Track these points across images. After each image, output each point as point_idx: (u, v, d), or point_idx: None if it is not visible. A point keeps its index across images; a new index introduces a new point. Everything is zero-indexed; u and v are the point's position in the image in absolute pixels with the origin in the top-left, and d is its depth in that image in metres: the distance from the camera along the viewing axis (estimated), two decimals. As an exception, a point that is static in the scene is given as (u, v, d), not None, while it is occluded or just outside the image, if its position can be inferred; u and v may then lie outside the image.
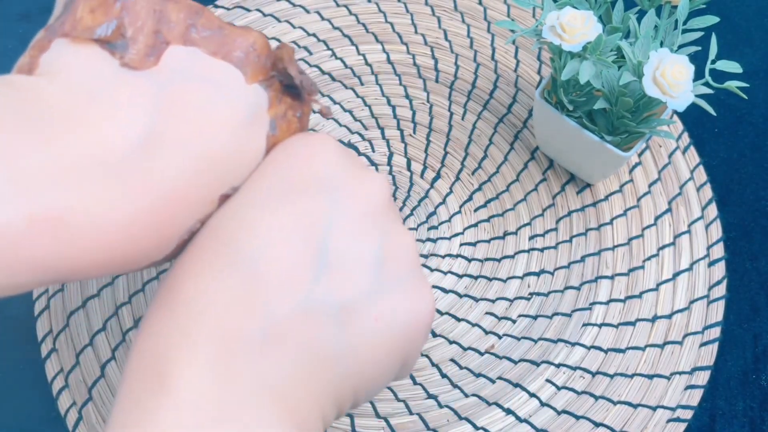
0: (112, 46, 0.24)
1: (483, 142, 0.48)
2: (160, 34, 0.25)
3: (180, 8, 0.25)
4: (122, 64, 0.24)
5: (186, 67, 0.24)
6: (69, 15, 0.24)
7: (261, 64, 0.26)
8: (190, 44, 0.25)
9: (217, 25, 0.26)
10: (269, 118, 0.26)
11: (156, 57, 0.24)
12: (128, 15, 0.24)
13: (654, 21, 0.38)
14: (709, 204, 0.46)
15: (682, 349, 0.42)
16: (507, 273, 0.44)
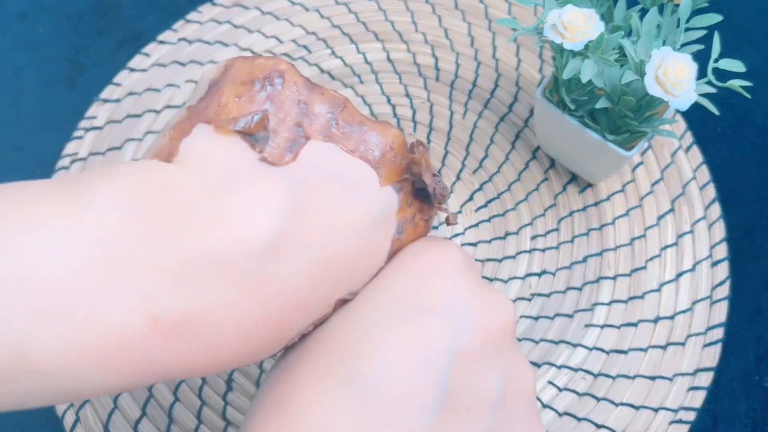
0: (254, 138, 0.23)
1: (484, 141, 0.48)
2: (301, 128, 0.24)
3: (324, 99, 0.25)
4: (261, 159, 0.23)
5: (323, 164, 0.24)
6: (213, 99, 0.24)
7: (397, 164, 0.26)
8: (329, 140, 0.24)
9: (358, 120, 0.25)
10: (397, 221, 0.26)
11: (295, 153, 0.24)
12: (273, 105, 0.24)
13: (656, 19, 0.38)
14: (711, 204, 0.45)
15: (684, 350, 0.41)
16: (508, 273, 0.44)
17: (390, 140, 0.25)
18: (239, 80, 0.24)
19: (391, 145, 0.25)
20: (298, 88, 0.25)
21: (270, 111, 0.24)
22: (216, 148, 0.23)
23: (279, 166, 0.23)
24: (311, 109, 0.25)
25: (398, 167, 0.26)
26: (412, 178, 0.26)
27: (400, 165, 0.26)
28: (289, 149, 0.24)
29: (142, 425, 0.40)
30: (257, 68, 0.24)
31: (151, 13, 0.53)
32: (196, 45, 0.52)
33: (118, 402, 0.40)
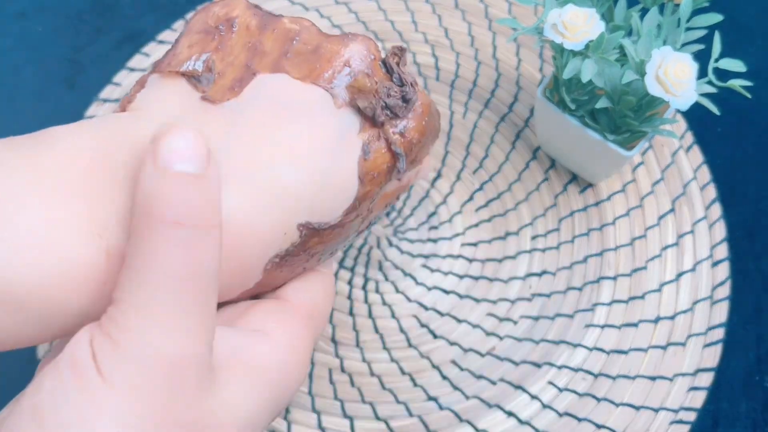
0: (197, 79, 0.24)
1: (484, 141, 0.48)
2: (251, 66, 0.24)
3: (276, 36, 0.25)
4: (202, 98, 0.24)
5: (269, 95, 0.24)
6: (171, 51, 0.26)
7: (363, 87, 0.25)
8: (279, 70, 0.24)
9: (314, 45, 0.25)
10: (361, 142, 0.25)
11: (239, 88, 0.24)
12: (222, 50, 0.25)
13: (657, 19, 0.38)
14: (712, 204, 0.45)
15: (685, 350, 0.41)
16: (508, 274, 0.44)
17: (346, 58, 0.25)
18: (195, 30, 0.26)
19: (348, 62, 0.25)
20: (249, 31, 0.25)
21: (217, 55, 0.25)
22: (162, 93, 0.24)
23: (220, 102, 0.23)
24: (262, 47, 0.25)
25: (367, 89, 0.25)
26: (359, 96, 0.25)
27: (369, 87, 0.25)
28: (232, 87, 0.24)
29: (141, 426, 0.40)
30: (211, 18, 0.26)
31: (150, 13, 0.53)
32: (196, 44, 0.52)
33: (117, 402, 0.40)
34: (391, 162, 0.26)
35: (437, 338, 0.42)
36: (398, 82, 0.26)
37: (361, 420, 0.40)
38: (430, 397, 0.40)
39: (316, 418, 0.40)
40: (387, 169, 0.26)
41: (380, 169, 0.26)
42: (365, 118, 0.25)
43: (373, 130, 0.25)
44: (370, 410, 0.40)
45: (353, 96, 0.25)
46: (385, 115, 0.25)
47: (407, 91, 0.26)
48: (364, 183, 0.25)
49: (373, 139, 0.25)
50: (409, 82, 0.26)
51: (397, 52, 0.26)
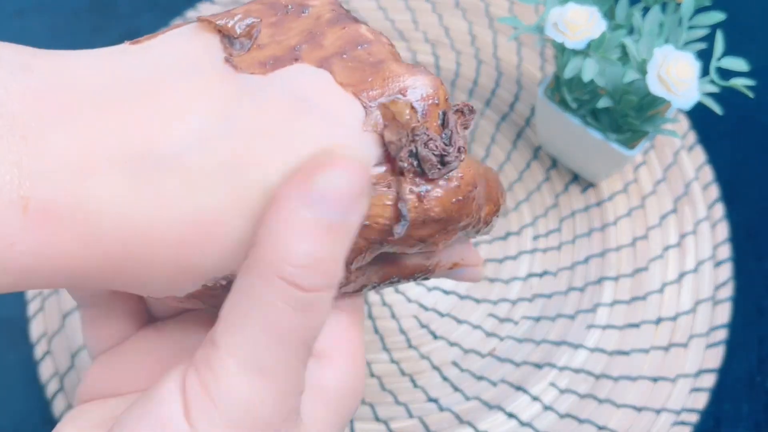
0: (231, 41, 0.20)
1: (485, 140, 0.47)
2: (297, 50, 0.21)
3: (342, 35, 0.21)
4: (225, 59, 0.20)
5: (299, 87, 0.20)
6: (227, 11, 0.22)
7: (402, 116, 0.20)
8: (324, 67, 0.20)
9: (378, 59, 0.21)
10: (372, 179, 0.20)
11: (272, 67, 0.20)
12: (277, 26, 0.21)
13: (658, 18, 0.38)
14: (714, 204, 0.45)
15: (687, 351, 0.41)
16: (509, 274, 0.43)
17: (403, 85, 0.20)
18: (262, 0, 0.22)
19: (403, 90, 0.20)
20: (319, 21, 0.21)
21: (268, 30, 0.21)
22: (186, 40, 0.20)
23: (242, 72, 0.20)
24: (321, 40, 0.21)
25: (403, 121, 0.20)
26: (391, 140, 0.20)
27: (406, 120, 0.20)
28: (264, 63, 0.20)
29: (139, 427, 0.40)
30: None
31: (148, 11, 0.53)
32: (195, 43, 0.51)
33: (115, 404, 0.40)
34: (390, 220, 0.21)
35: (437, 339, 0.42)
36: (446, 139, 0.21)
37: (360, 421, 0.40)
38: (431, 398, 0.40)
39: (315, 419, 0.40)
40: (382, 226, 0.21)
41: (375, 219, 0.20)
42: (387, 156, 0.21)
43: (388, 172, 0.21)
44: (370, 411, 0.40)
45: (384, 121, 0.20)
46: (410, 165, 0.20)
47: (449, 152, 0.21)
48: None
49: (381, 182, 0.20)
50: (458, 145, 0.21)
51: (466, 111, 0.22)
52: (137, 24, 0.52)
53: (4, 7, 0.53)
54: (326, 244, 0.18)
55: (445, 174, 0.21)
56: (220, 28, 0.20)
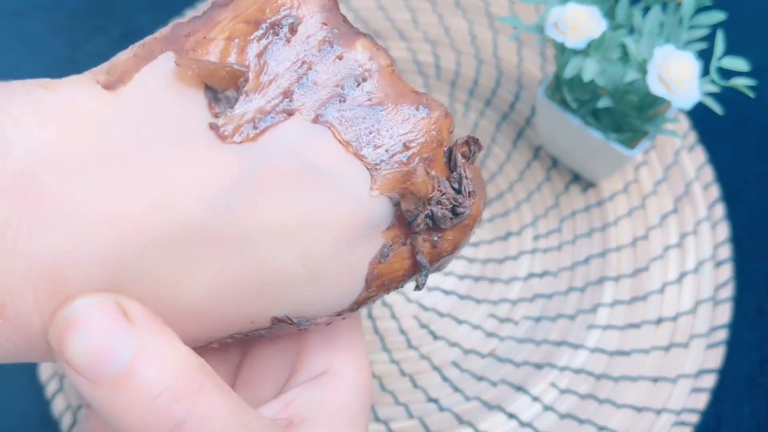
0: (215, 96, 0.18)
1: (485, 140, 0.47)
2: (289, 99, 0.19)
3: (339, 68, 0.19)
4: (210, 126, 0.18)
5: (299, 148, 0.18)
6: (203, 25, 0.19)
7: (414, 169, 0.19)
8: (321, 120, 0.19)
9: (378, 98, 0.20)
10: (383, 241, 0.20)
11: (260, 131, 0.18)
12: (264, 61, 0.19)
13: (659, 17, 0.37)
14: (715, 203, 0.45)
15: (687, 351, 0.41)
16: (509, 274, 0.43)
17: (411, 135, 0.20)
18: (244, 16, 0.19)
19: (409, 142, 0.20)
20: (309, 45, 0.19)
21: (255, 70, 0.19)
22: (167, 92, 0.18)
23: (228, 142, 0.18)
24: (315, 75, 0.19)
25: (422, 195, 0.19)
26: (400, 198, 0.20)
27: (425, 193, 0.19)
28: (254, 123, 0.18)
29: (139, 428, 0.40)
30: (270, 6, 0.19)
31: (147, 11, 0.53)
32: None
33: (115, 404, 0.40)
34: (409, 270, 0.21)
35: (438, 339, 0.42)
36: (456, 185, 0.20)
37: (360, 422, 0.40)
38: (431, 399, 0.40)
39: (315, 420, 0.40)
40: (402, 276, 0.21)
41: (394, 275, 0.21)
42: (399, 218, 0.20)
43: (401, 231, 0.20)
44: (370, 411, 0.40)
45: (400, 192, 0.19)
46: (425, 225, 0.20)
47: (462, 203, 0.20)
48: (370, 287, 0.20)
49: (397, 242, 0.20)
50: (468, 191, 0.20)
51: (471, 144, 0.21)
52: (136, 23, 0.52)
53: (4, 7, 0.53)
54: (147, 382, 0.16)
55: (458, 221, 0.21)
56: (202, 78, 0.18)
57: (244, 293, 0.19)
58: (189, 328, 0.19)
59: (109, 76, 0.18)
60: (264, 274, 0.19)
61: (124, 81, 0.18)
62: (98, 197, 0.17)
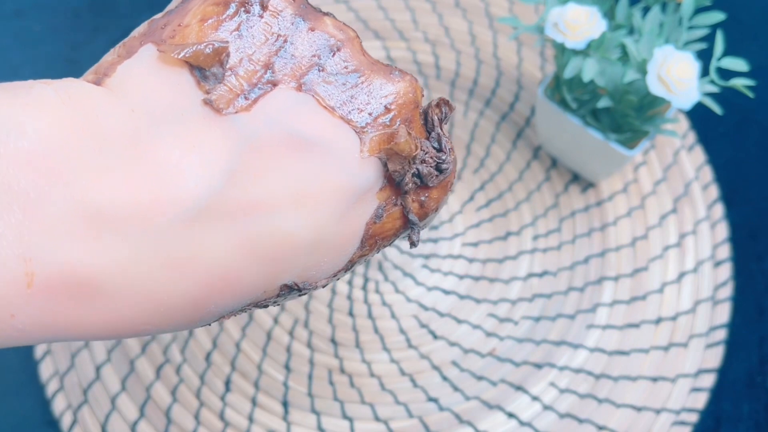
0: (202, 73, 0.19)
1: (485, 140, 0.47)
2: (271, 71, 0.20)
3: (312, 40, 0.20)
4: (204, 101, 0.19)
5: (287, 120, 0.19)
6: (176, 16, 0.20)
7: (396, 130, 0.21)
8: (305, 89, 0.20)
9: (354, 66, 0.21)
10: (378, 202, 0.21)
11: (251, 101, 0.19)
12: (242, 36, 0.20)
13: (659, 18, 0.38)
14: (714, 204, 0.45)
15: (686, 351, 0.41)
16: (509, 274, 0.43)
17: (389, 99, 0.21)
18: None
19: (389, 105, 0.21)
20: (281, 18, 0.20)
21: (233, 45, 0.19)
22: (154, 78, 0.19)
23: (224, 114, 0.19)
24: (292, 47, 0.20)
25: (406, 154, 0.21)
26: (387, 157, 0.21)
27: (409, 152, 0.21)
28: (245, 95, 0.19)
29: (140, 426, 0.40)
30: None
31: (147, 11, 0.53)
32: (195, 43, 0.51)
33: (116, 403, 0.40)
34: (399, 229, 0.22)
35: (437, 339, 0.42)
36: (435, 144, 0.22)
37: (360, 421, 0.40)
38: (431, 398, 0.40)
39: (315, 419, 0.40)
40: (392, 234, 0.22)
41: (386, 234, 0.22)
42: (389, 179, 0.21)
43: (392, 192, 0.21)
44: (370, 411, 0.40)
45: (386, 154, 0.21)
46: (413, 183, 0.21)
47: (444, 159, 0.22)
48: (364, 245, 0.22)
49: (389, 202, 0.21)
50: (448, 147, 0.22)
51: (443, 105, 0.22)
52: (136, 24, 0.52)
53: (4, 7, 0.53)
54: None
55: (442, 179, 0.22)
56: (187, 60, 0.19)
57: (256, 262, 0.19)
58: (211, 300, 0.19)
59: (96, 75, 0.19)
60: (272, 243, 0.19)
61: (109, 75, 0.19)
62: (109, 180, 0.17)
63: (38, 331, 0.18)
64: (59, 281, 0.17)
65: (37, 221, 0.17)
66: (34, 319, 0.17)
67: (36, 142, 0.17)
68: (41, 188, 0.17)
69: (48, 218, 0.17)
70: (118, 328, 0.19)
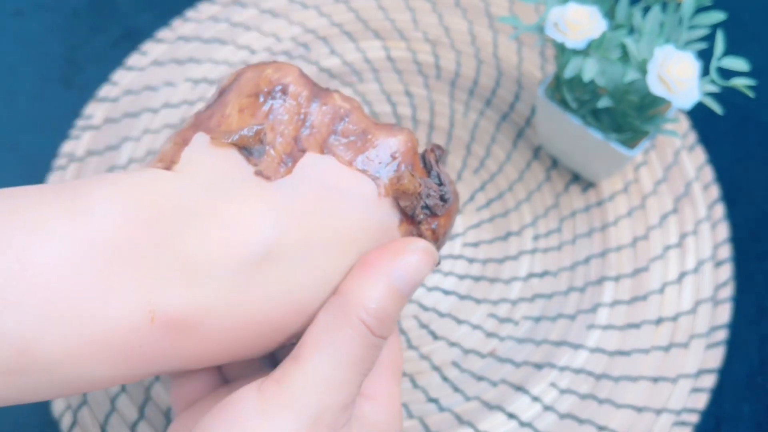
0: (248, 151, 0.24)
1: (485, 140, 0.47)
2: (300, 141, 0.25)
3: (326, 112, 0.26)
4: (256, 173, 0.24)
5: (319, 176, 0.25)
6: (218, 108, 0.25)
7: (401, 174, 0.26)
8: (327, 151, 0.25)
9: (361, 128, 0.26)
10: (400, 233, 0.26)
11: (290, 166, 0.24)
12: (273, 119, 0.25)
13: (659, 17, 0.37)
14: (715, 204, 0.45)
15: (687, 351, 0.41)
16: (509, 274, 0.43)
17: (393, 150, 0.26)
18: (245, 92, 0.25)
19: (395, 155, 0.26)
20: (301, 101, 0.26)
21: (268, 125, 0.25)
22: (212, 159, 0.24)
23: (274, 179, 0.24)
24: (312, 121, 0.25)
25: (412, 190, 0.26)
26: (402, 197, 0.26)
27: (414, 188, 0.26)
28: (284, 162, 0.24)
29: (140, 427, 0.40)
30: (263, 81, 0.25)
31: (148, 10, 0.53)
32: (194, 43, 0.51)
33: (115, 404, 0.40)
34: None
35: (438, 339, 0.42)
36: (436, 180, 0.27)
37: (360, 422, 0.40)
38: (431, 399, 0.40)
39: (315, 420, 0.39)
40: None
41: None
42: (404, 214, 0.26)
43: (409, 225, 0.27)
44: (370, 412, 0.40)
45: (396, 195, 0.26)
46: (423, 215, 0.27)
47: (445, 191, 0.27)
48: None
49: (408, 233, 0.27)
50: (448, 180, 0.27)
51: (436, 149, 0.27)
52: (137, 23, 0.52)
53: (4, 7, 0.53)
54: (394, 305, 0.24)
55: (448, 207, 0.27)
56: (235, 144, 0.24)
57: (320, 288, 0.25)
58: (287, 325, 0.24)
59: (163, 163, 0.24)
60: (329, 274, 0.24)
61: (175, 161, 0.24)
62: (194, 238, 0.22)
63: (154, 360, 0.22)
64: (171, 318, 0.22)
65: (152, 273, 0.21)
66: (155, 349, 0.22)
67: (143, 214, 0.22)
68: (152, 248, 0.21)
69: (162, 266, 0.21)
70: (210, 357, 0.24)
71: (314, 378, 0.23)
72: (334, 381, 0.23)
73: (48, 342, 0.20)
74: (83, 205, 0.21)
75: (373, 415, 0.26)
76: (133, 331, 0.21)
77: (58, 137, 0.48)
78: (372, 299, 0.23)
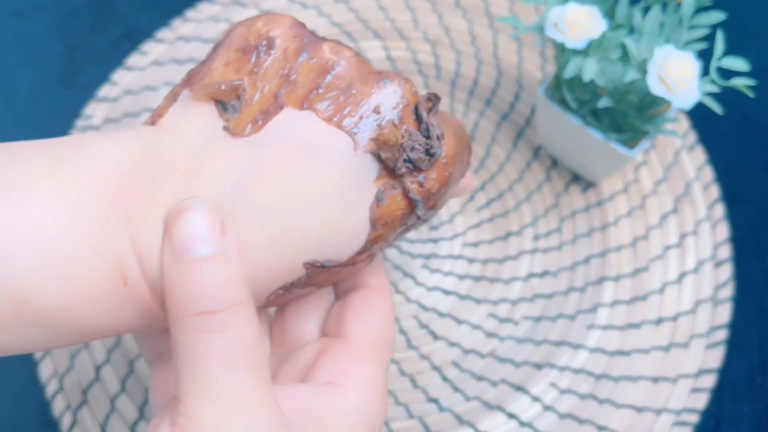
0: (224, 106, 0.24)
1: (485, 140, 0.47)
2: (280, 97, 0.25)
3: (312, 67, 0.25)
4: (224, 128, 0.24)
5: (292, 133, 0.24)
6: (207, 63, 0.25)
7: (389, 140, 0.25)
8: (307, 107, 0.25)
9: (347, 82, 0.25)
10: (376, 188, 0.25)
11: (260, 124, 0.24)
12: (257, 73, 0.25)
13: (659, 17, 0.37)
14: (715, 204, 0.45)
15: (687, 351, 0.41)
16: (509, 274, 0.43)
17: (378, 101, 0.25)
18: (234, 46, 0.25)
19: (377, 108, 0.25)
20: (287, 55, 0.25)
21: (250, 81, 0.25)
22: (189, 114, 0.24)
23: (239, 136, 0.24)
24: (296, 77, 0.25)
25: (393, 142, 0.25)
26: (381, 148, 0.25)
27: (395, 140, 0.25)
28: (256, 119, 0.24)
29: (140, 427, 0.40)
30: (252, 35, 0.25)
31: (148, 10, 0.53)
32: (194, 43, 0.51)
33: (116, 404, 0.40)
34: (407, 208, 0.26)
35: (438, 339, 0.42)
36: (425, 133, 0.26)
37: (360, 422, 0.40)
38: (431, 399, 0.40)
39: (315, 420, 0.39)
40: (402, 214, 0.26)
41: (394, 215, 0.26)
42: (385, 166, 0.25)
43: (389, 178, 0.25)
44: (370, 412, 0.40)
45: (377, 146, 0.25)
46: (405, 168, 0.25)
47: (432, 144, 0.25)
48: (377, 227, 0.25)
49: (388, 186, 0.25)
50: (436, 135, 0.26)
51: (432, 98, 0.26)
52: (136, 23, 0.52)
53: (4, 7, 0.53)
54: (211, 272, 0.22)
55: (434, 162, 0.26)
56: (211, 97, 0.24)
57: (279, 248, 0.23)
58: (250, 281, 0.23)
59: (152, 118, 0.25)
60: (290, 232, 0.23)
61: (162, 115, 0.25)
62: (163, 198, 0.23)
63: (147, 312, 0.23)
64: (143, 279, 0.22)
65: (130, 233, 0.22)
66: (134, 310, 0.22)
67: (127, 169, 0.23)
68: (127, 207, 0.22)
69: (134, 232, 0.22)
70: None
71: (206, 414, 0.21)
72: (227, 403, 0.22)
73: (44, 296, 0.21)
74: (77, 161, 0.23)
75: (340, 405, 0.25)
76: (109, 291, 0.22)
77: (58, 137, 0.48)
78: (184, 288, 0.22)
